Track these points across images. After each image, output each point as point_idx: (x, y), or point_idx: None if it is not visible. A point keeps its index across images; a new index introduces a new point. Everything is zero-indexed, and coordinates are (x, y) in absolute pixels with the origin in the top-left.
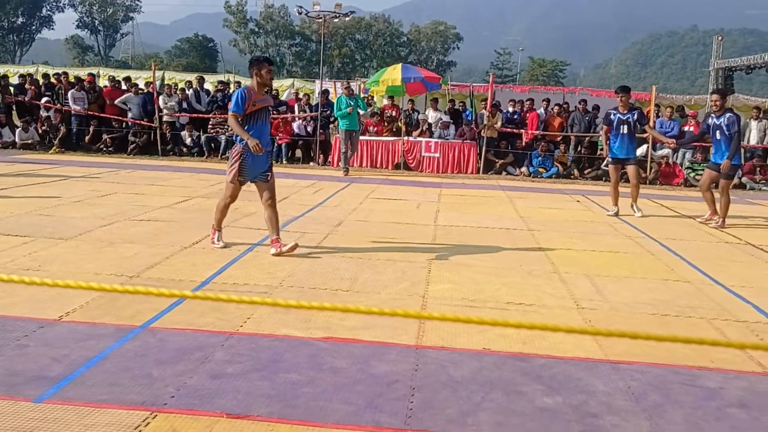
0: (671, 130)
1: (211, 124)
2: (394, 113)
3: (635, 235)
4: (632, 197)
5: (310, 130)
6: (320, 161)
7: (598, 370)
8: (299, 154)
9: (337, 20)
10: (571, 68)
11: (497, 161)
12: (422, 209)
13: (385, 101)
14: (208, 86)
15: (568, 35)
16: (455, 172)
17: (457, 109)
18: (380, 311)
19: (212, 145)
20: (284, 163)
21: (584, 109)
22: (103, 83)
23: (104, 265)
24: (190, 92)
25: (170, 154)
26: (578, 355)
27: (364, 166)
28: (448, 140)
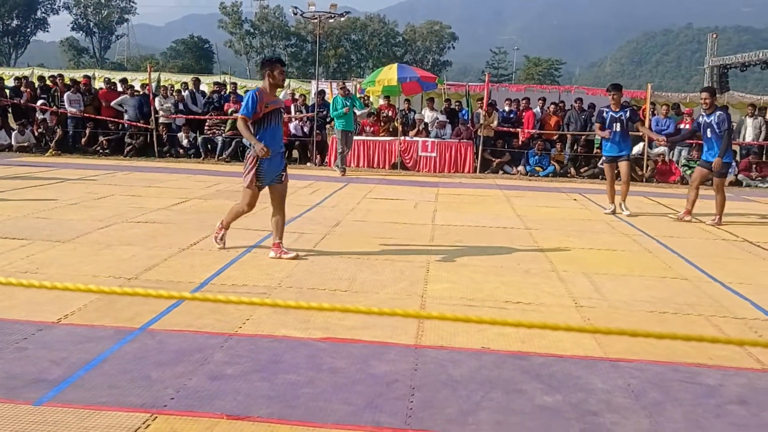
0: (667, 127)
1: (207, 125)
2: (390, 113)
3: (632, 233)
4: (621, 195)
5: (306, 130)
6: (317, 162)
7: (597, 368)
8: (296, 154)
9: (332, 21)
10: (566, 67)
11: (494, 160)
12: (420, 209)
13: (381, 101)
14: (204, 87)
15: (563, 34)
16: (452, 171)
17: (453, 108)
18: (380, 311)
19: (209, 146)
20: None
21: (580, 107)
22: (98, 85)
23: (102, 267)
24: (186, 94)
25: (167, 155)
26: (577, 353)
27: (361, 166)
28: (444, 140)
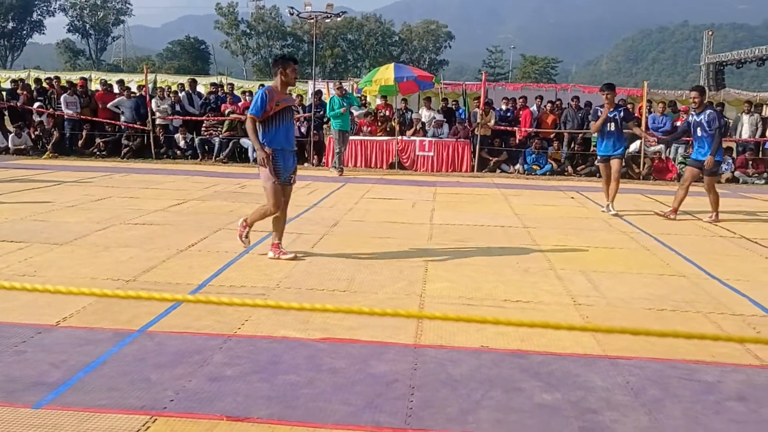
0: (664, 125)
1: (204, 126)
2: (387, 113)
3: (630, 230)
4: (610, 194)
5: (303, 130)
6: (314, 162)
7: (596, 365)
8: None
9: (328, 20)
10: (562, 65)
11: (491, 159)
12: (418, 208)
13: (378, 101)
14: (200, 88)
15: (559, 32)
16: (450, 170)
17: (450, 107)
18: (381, 312)
19: (206, 147)
20: None
21: (577, 105)
22: (95, 87)
23: (100, 269)
24: (182, 95)
25: (164, 157)
26: (576, 351)
27: (358, 166)
28: (441, 139)
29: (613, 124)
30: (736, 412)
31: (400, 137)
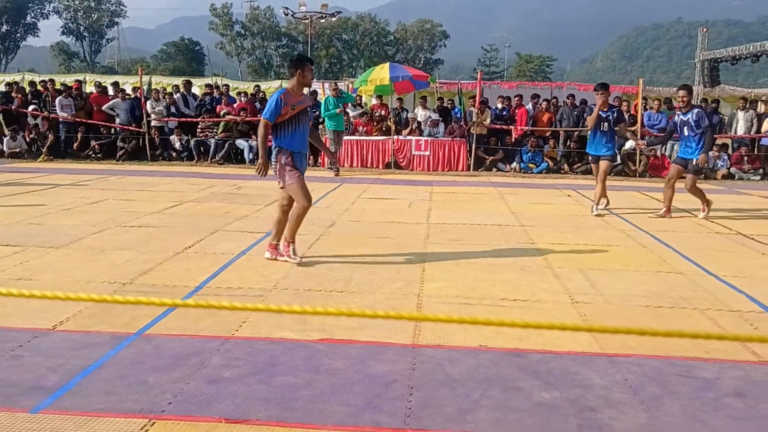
0: (659, 122)
1: (200, 128)
2: (383, 112)
3: (627, 228)
4: (596, 193)
5: None
6: (310, 162)
7: (594, 363)
8: None
9: (323, 21)
10: (557, 63)
11: (487, 158)
12: (414, 208)
13: (374, 101)
14: (195, 90)
15: (554, 31)
16: (446, 169)
17: (445, 106)
18: (373, 314)
19: (201, 149)
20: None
21: (572, 103)
22: (89, 89)
23: (96, 272)
24: (177, 96)
25: (159, 159)
26: (574, 349)
27: (354, 166)
28: (438, 138)
29: (606, 123)
30: (734, 408)
31: (396, 137)
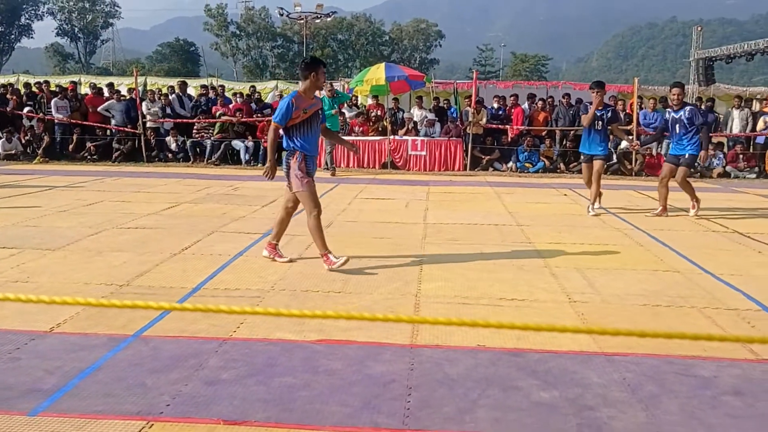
0: (655, 121)
1: (195, 128)
2: (379, 113)
3: (623, 227)
4: (591, 194)
5: None
6: None
7: (592, 363)
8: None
9: (318, 21)
10: (553, 62)
11: (484, 158)
12: (411, 208)
13: (369, 101)
14: (191, 91)
15: (550, 30)
16: (442, 169)
17: (441, 106)
18: (373, 317)
19: (197, 150)
20: None
21: (568, 103)
22: (84, 91)
23: (93, 274)
24: (173, 97)
25: (155, 160)
26: (573, 348)
27: (351, 166)
28: (434, 138)
29: (600, 122)
30: (732, 406)
31: (392, 137)
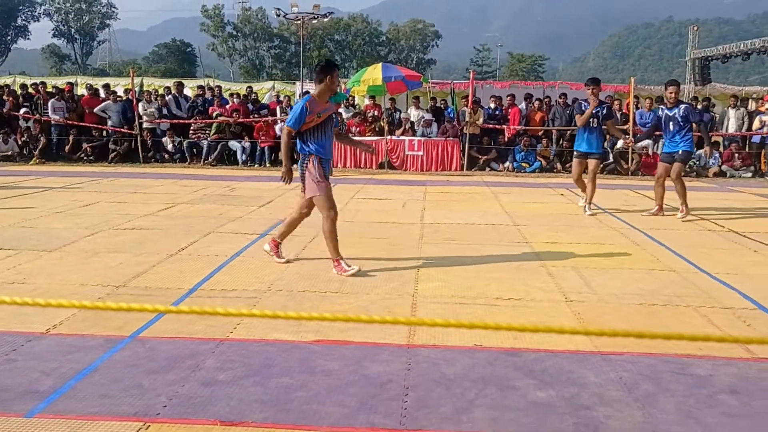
0: (651, 121)
1: (192, 129)
2: (376, 113)
3: (620, 226)
4: (587, 194)
5: None
6: None
7: (589, 362)
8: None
9: (315, 21)
10: (549, 62)
11: (480, 157)
12: (408, 208)
13: (366, 101)
14: (187, 91)
15: (546, 30)
16: (439, 169)
17: (438, 106)
18: (370, 319)
19: (194, 150)
20: (267, 166)
21: (564, 102)
22: (81, 92)
23: (90, 275)
24: (169, 98)
25: (152, 161)
26: (569, 348)
27: (348, 166)
28: (431, 138)
29: (595, 120)
30: (728, 405)
31: (389, 137)
